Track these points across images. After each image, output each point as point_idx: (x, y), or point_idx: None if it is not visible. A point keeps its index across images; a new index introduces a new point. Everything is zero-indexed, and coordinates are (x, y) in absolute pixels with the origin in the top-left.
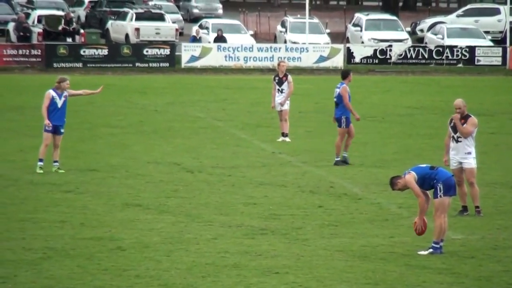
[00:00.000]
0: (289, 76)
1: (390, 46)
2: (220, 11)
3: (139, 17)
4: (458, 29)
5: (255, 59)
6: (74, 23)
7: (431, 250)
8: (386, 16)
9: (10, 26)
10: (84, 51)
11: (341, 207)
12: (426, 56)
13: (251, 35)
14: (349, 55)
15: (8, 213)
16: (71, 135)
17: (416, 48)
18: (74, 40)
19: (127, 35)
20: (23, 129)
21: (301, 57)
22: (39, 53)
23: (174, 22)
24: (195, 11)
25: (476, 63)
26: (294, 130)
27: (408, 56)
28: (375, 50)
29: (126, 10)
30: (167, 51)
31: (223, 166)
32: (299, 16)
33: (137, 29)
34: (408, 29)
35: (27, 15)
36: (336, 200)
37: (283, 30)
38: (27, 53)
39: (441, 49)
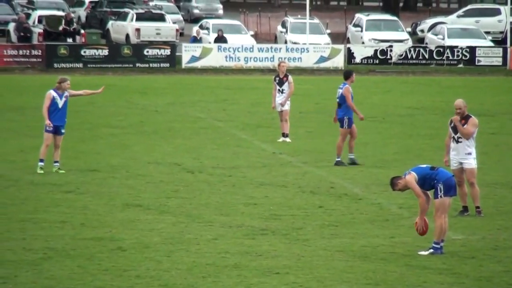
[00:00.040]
0: (289, 77)
1: (391, 46)
2: (220, 12)
3: (140, 17)
4: (458, 29)
5: (255, 59)
6: (75, 24)
7: (431, 251)
8: (387, 16)
9: (11, 27)
10: (84, 52)
11: (341, 208)
12: (427, 56)
13: (252, 36)
14: (349, 55)
15: (9, 213)
16: (72, 135)
17: (417, 49)
18: (74, 40)
19: (127, 36)
20: (23, 129)
21: (301, 57)
22: (40, 53)
23: (174, 23)
24: (196, 11)
25: (476, 63)
26: (294, 131)
27: (409, 56)
28: (376, 51)
29: (126, 10)
30: (168, 52)
31: (224, 166)
32: (299, 16)
33: (137, 29)
34: (409, 29)
35: (28, 15)
36: (336, 200)
37: (284, 30)
38: (28, 53)
39: (441, 49)
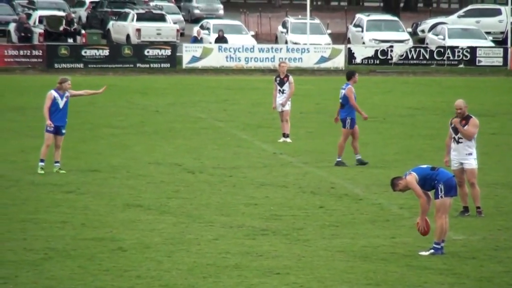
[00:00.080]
0: (290, 77)
1: (391, 46)
2: (221, 12)
3: (140, 17)
4: (459, 29)
5: (256, 59)
6: (75, 24)
7: (432, 251)
8: (387, 16)
9: (11, 27)
10: (85, 52)
11: (342, 208)
12: (427, 56)
13: (252, 36)
14: (350, 55)
15: (10, 213)
16: (73, 135)
17: (417, 49)
18: (75, 40)
19: (128, 36)
20: (24, 129)
21: (302, 57)
22: (40, 53)
23: (175, 23)
24: (196, 11)
25: (477, 63)
26: (295, 131)
27: (409, 56)
28: (376, 51)
29: (127, 10)
30: (168, 52)
31: (224, 166)
32: (300, 16)
33: (138, 29)
34: (409, 29)
35: (28, 15)
36: (337, 200)
37: (284, 30)
38: (28, 53)
39: (442, 49)
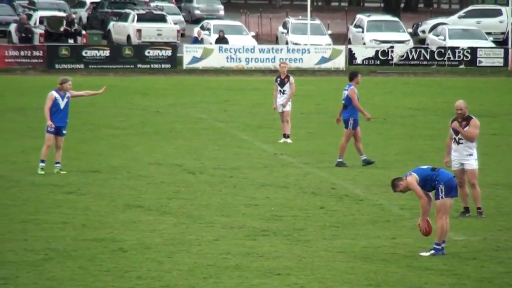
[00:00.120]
0: (291, 77)
1: (392, 47)
2: (221, 12)
3: (141, 18)
4: (460, 30)
5: (256, 60)
6: (76, 24)
7: (432, 252)
8: (388, 17)
9: (12, 27)
10: (85, 52)
11: (342, 209)
12: (428, 57)
13: (253, 36)
14: (350, 56)
15: (10, 214)
16: (73, 136)
17: (418, 49)
18: (75, 41)
19: (128, 36)
20: (25, 130)
21: (302, 58)
22: (41, 54)
23: (175, 23)
24: (197, 12)
25: (478, 64)
26: (295, 132)
27: (410, 57)
28: (377, 51)
29: (127, 11)
30: (169, 52)
31: (225, 167)
32: (300, 17)
33: (138, 30)
34: (410, 30)
35: (29, 16)
36: (337, 201)
37: (285, 31)
38: (29, 54)
39: (443, 50)
